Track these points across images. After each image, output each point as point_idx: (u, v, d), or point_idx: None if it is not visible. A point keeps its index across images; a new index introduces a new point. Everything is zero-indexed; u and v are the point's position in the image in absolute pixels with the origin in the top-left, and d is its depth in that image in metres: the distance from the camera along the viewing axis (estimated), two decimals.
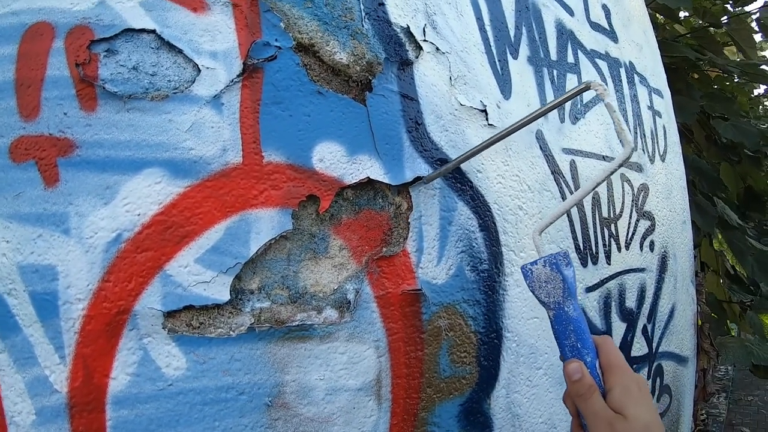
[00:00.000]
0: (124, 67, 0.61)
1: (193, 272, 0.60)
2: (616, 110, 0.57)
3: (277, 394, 0.62)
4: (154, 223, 0.60)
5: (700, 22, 2.10)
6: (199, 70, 0.62)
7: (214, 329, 0.60)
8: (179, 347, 0.59)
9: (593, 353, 0.57)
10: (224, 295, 0.60)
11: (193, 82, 0.61)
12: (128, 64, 0.61)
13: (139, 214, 0.60)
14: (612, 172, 0.55)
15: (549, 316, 0.58)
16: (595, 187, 0.57)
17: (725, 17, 1.99)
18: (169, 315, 0.59)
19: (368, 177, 0.67)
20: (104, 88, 0.60)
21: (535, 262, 0.58)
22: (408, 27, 0.72)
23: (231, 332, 0.61)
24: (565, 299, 0.57)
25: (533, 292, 0.59)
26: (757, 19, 2.13)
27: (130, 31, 0.62)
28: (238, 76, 0.62)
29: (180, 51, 0.62)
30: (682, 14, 2.22)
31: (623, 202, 1.03)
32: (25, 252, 0.59)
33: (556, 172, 0.87)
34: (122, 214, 0.59)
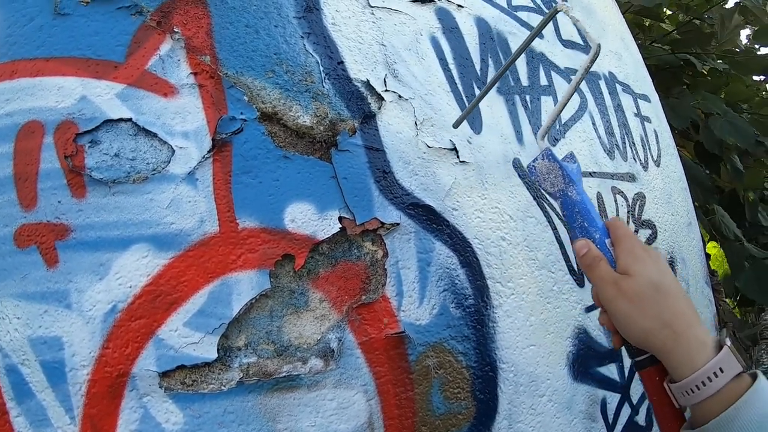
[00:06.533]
0: (107, 155, 0.74)
1: (183, 335, 0.72)
2: (580, 20, 0.70)
3: None
4: (145, 294, 0.72)
5: (685, 17, 2.14)
6: (174, 151, 0.74)
7: (207, 385, 0.72)
8: (176, 404, 0.72)
9: (603, 232, 0.66)
10: (212, 354, 0.71)
11: (169, 162, 0.74)
12: (110, 152, 0.74)
13: (130, 286, 0.72)
14: (588, 69, 0.67)
15: (558, 206, 0.72)
16: (578, 85, 0.68)
17: (707, 9, 2.03)
18: (165, 375, 0.72)
19: (340, 228, 0.77)
20: (91, 176, 0.74)
21: (535, 159, 0.71)
22: (368, 81, 0.82)
23: (222, 387, 0.72)
24: (567, 185, 0.68)
25: (540, 186, 0.71)
26: (737, 3, 2.14)
27: (109, 122, 0.75)
28: (208, 152, 0.74)
29: (155, 135, 0.74)
30: (668, 11, 2.26)
31: (617, 215, 1.09)
32: (34, 326, 0.74)
33: (538, 197, 0.95)
34: (116, 287, 0.72)
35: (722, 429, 0.57)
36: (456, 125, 0.86)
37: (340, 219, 0.77)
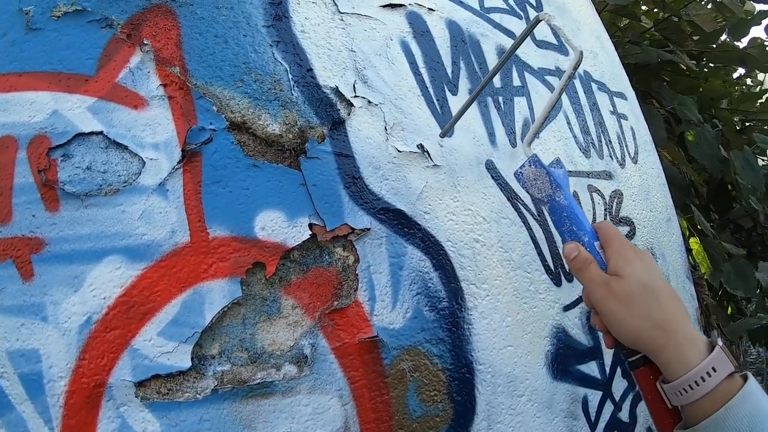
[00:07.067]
0: (79, 168, 0.75)
1: (157, 344, 0.73)
2: (561, 28, 0.72)
3: None
4: (119, 305, 0.73)
5: (663, 14, 2.14)
6: (144, 162, 0.75)
7: (182, 394, 0.73)
8: (152, 413, 0.73)
9: (591, 235, 0.69)
10: (186, 363, 0.73)
11: (140, 173, 0.75)
12: (82, 165, 0.75)
13: (104, 298, 0.74)
14: (570, 77, 0.70)
15: (546, 211, 0.75)
16: (560, 94, 0.71)
17: (684, 5, 2.04)
18: (140, 384, 0.73)
19: (311, 235, 0.77)
20: (64, 189, 0.75)
21: (522, 165, 0.73)
22: (337, 87, 0.83)
23: (197, 395, 0.73)
24: (554, 191, 0.70)
25: (528, 192, 0.74)
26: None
27: (81, 135, 0.76)
28: (178, 162, 0.75)
29: (126, 147, 0.75)
30: (644, 7, 2.27)
31: (594, 213, 1.10)
32: (11, 339, 0.75)
33: (512, 198, 0.96)
34: (90, 299, 0.74)
35: (713, 430, 0.58)
36: (443, 135, 0.89)
37: (311, 226, 0.78)
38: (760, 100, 2.44)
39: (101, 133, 0.76)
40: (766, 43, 2.10)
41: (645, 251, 0.68)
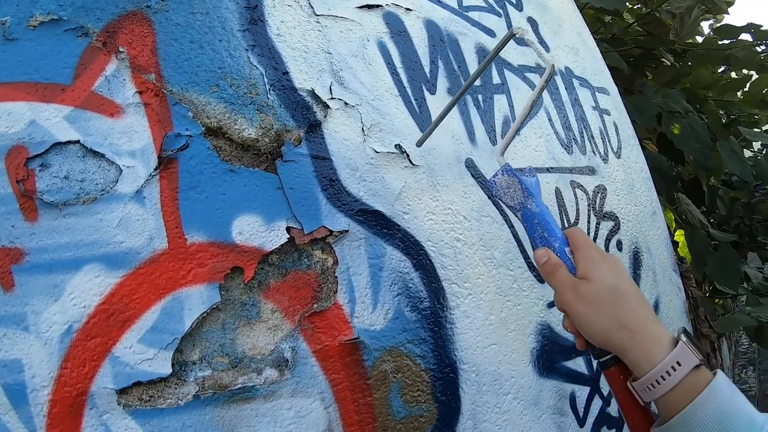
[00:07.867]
0: (57, 178, 0.76)
1: (137, 351, 0.74)
2: (535, 41, 0.77)
3: None
4: (98, 313, 0.74)
5: (645, 9, 2.14)
6: (121, 170, 0.76)
7: (164, 400, 0.73)
8: (135, 420, 0.74)
9: (562, 241, 0.71)
10: (167, 369, 0.73)
11: (117, 181, 0.76)
12: (60, 174, 0.76)
13: (84, 306, 0.74)
14: (542, 88, 0.72)
15: (518, 218, 0.76)
16: (532, 105, 0.73)
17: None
18: (122, 392, 0.73)
19: (288, 238, 0.78)
20: (42, 199, 0.75)
21: (495, 174, 0.75)
22: (313, 89, 0.83)
23: (179, 401, 0.74)
24: (526, 198, 0.73)
25: (501, 200, 0.76)
26: None
27: (58, 145, 0.77)
28: (155, 169, 0.76)
29: (103, 155, 0.76)
30: (627, 4, 2.27)
31: (578, 209, 1.10)
32: None
33: (494, 195, 0.95)
34: (71, 308, 0.74)
35: (683, 426, 0.60)
36: (419, 144, 0.89)
37: (288, 229, 0.79)
38: (744, 89, 2.43)
39: (78, 142, 0.77)
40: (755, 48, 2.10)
41: (613, 255, 0.71)
